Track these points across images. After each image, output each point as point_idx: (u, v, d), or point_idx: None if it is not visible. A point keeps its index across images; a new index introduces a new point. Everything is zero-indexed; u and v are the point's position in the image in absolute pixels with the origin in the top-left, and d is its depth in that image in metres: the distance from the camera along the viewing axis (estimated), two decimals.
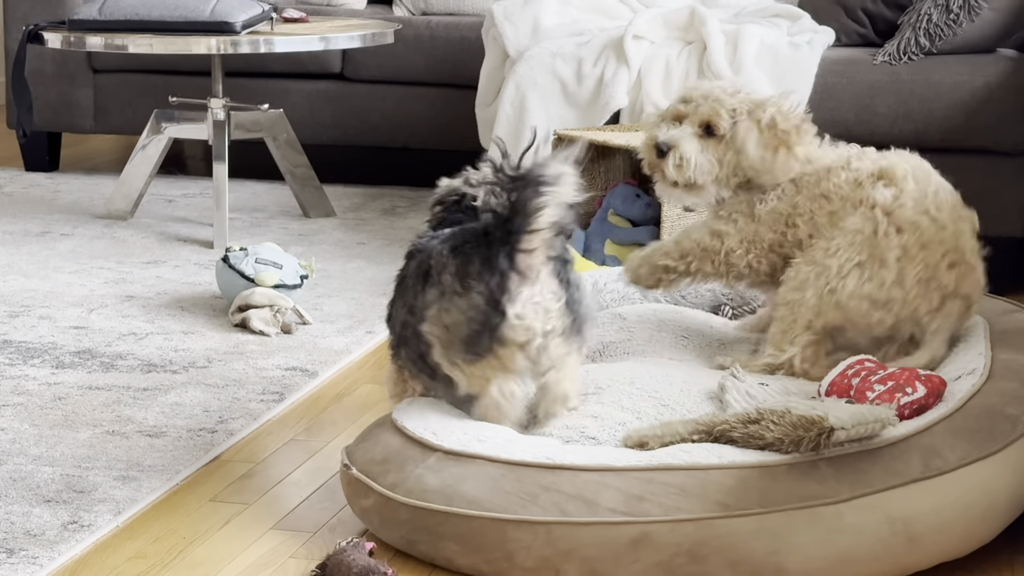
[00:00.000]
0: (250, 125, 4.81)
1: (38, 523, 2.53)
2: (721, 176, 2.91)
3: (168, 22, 4.44)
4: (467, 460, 2.44)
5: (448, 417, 2.59)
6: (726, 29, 4.46)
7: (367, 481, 2.49)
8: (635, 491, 2.36)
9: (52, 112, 5.46)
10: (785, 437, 2.37)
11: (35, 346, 3.49)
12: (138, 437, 2.93)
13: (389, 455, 2.51)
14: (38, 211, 4.91)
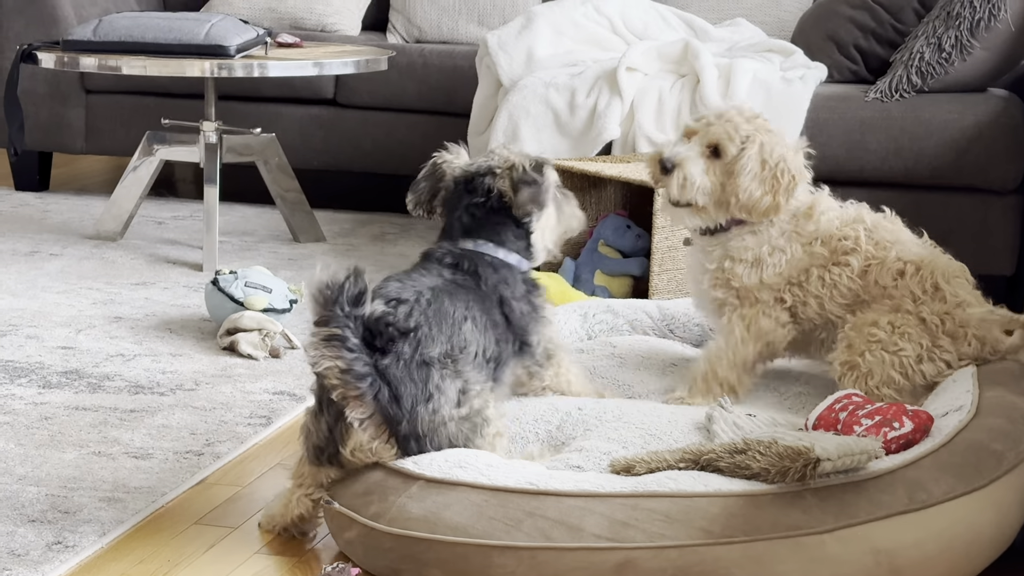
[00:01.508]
0: (242, 149, 4.82)
1: (22, 543, 2.52)
2: (721, 200, 2.90)
3: (162, 44, 4.44)
4: (449, 487, 2.44)
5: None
6: (719, 63, 4.48)
7: (350, 514, 2.48)
8: (620, 517, 2.36)
9: (43, 132, 5.46)
10: (771, 467, 2.37)
11: (22, 365, 3.48)
12: (124, 459, 2.93)
13: (371, 487, 2.50)
14: (27, 230, 4.91)
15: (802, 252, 2.91)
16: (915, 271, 2.88)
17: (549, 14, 4.84)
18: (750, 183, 2.86)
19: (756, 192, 2.86)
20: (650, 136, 4.35)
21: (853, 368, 2.83)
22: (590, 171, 4.08)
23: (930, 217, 4.31)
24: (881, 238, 2.92)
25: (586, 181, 4.24)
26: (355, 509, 2.49)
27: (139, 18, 4.52)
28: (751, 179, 2.86)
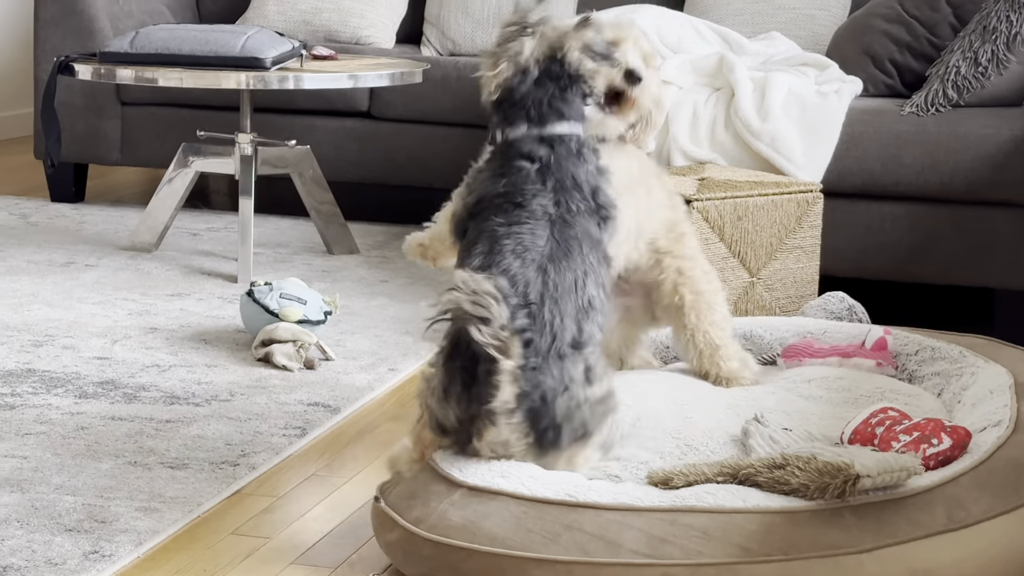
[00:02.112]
0: (276, 161, 4.83)
1: (59, 552, 2.53)
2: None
3: (198, 56, 4.46)
4: (490, 496, 2.44)
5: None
6: (754, 76, 4.47)
7: (393, 515, 2.49)
8: (657, 532, 2.35)
9: (80, 143, 5.49)
10: (811, 483, 2.36)
11: (59, 376, 3.50)
12: (160, 469, 2.94)
13: (417, 490, 2.50)
14: (63, 242, 4.93)
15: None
16: None
17: None
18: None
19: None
20: (685, 149, 4.35)
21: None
22: None
23: (966, 232, 4.30)
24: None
25: None
26: (399, 511, 2.48)
27: (176, 30, 4.54)
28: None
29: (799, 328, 3.33)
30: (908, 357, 3.17)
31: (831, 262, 4.33)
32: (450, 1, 5.59)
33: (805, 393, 2.99)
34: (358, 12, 5.59)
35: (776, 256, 3.99)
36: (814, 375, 3.07)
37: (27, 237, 4.97)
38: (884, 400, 2.91)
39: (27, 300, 4.17)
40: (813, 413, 2.87)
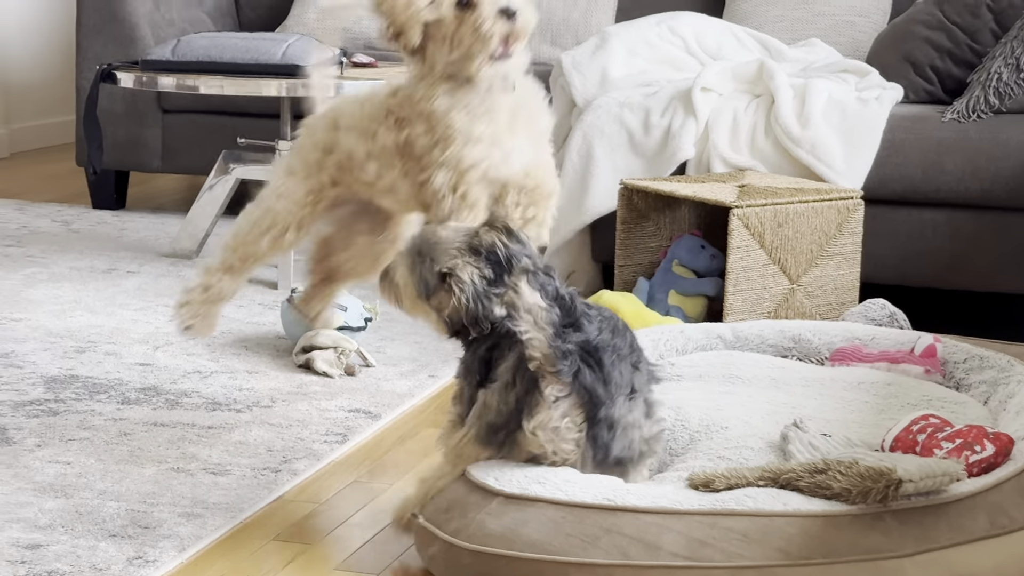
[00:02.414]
0: None
1: (104, 557, 2.54)
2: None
3: (240, 64, 4.49)
4: (527, 503, 2.44)
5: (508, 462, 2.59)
6: (794, 83, 4.47)
7: (432, 529, 2.50)
8: (697, 535, 2.35)
9: (121, 151, 5.52)
10: (853, 488, 2.36)
11: (101, 382, 3.52)
12: (203, 475, 2.95)
13: (453, 503, 2.51)
14: (105, 248, 4.96)
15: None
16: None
17: (623, 34, 4.85)
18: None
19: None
20: (725, 156, 4.35)
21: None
22: (664, 191, 4.08)
23: (1007, 238, 4.28)
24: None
25: (660, 201, 4.23)
26: (437, 525, 2.49)
27: (217, 38, 4.57)
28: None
29: (848, 333, 3.32)
30: (956, 365, 3.16)
31: (872, 269, 4.32)
32: None
33: (850, 397, 2.98)
34: None
35: (817, 263, 3.98)
36: (864, 378, 3.06)
37: (69, 244, 5.00)
38: (931, 407, 2.90)
39: (69, 307, 4.19)
40: (853, 420, 2.86)
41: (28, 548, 2.56)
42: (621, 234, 4.20)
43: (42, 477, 2.90)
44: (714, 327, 3.38)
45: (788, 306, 3.96)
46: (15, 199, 5.81)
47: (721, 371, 3.12)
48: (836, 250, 4.01)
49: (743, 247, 3.88)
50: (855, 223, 4.02)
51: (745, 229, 3.87)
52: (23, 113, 7.06)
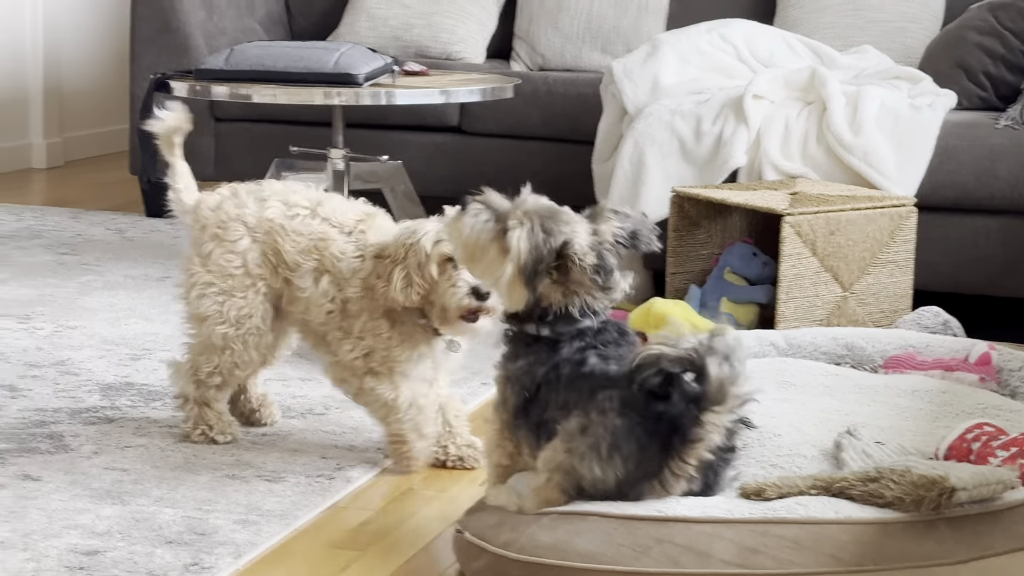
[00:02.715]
0: (368, 176, 4.87)
1: (160, 564, 2.56)
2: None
3: (292, 73, 4.50)
4: (579, 518, 2.44)
5: None
6: (846, 90, 4.46)
7: (479, 543, 2.49)
8: (749, 543, 2.35)
9: None
10: (905, 496, 2.36)
11: (156, 389, 3.54)
12: (257, 481, 2.97)
13: (502, 518, 2.51)
14: (158, 256, 5.00)
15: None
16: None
17: (674, 42, 4.85)
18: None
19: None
20: (776, 164, 4.34)
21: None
22: (716, 199, 4.08)
23: None
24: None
25: (712, 209, 4.24)
26: (485, 539, 2.49)
27: (269, 47, 4.59)
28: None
29: (902, 340, 3.31)
30: (1011, 373, 3.14)
31: (924, 276, 4.30)
32: (540, 16, 5.62)
33: (904, 405, 2.97)
34: (448, 28, 5.63)
35: (869, 270, 3.97)
36: (918, 386, 3.05)
37: (123, 252, 5.04)
38: (985, 416, 2.89)
39: (124, 314, 4.23)
40: (907, 428, 2.86)
41: (86, 554, 2.59)
42: (673, 242, 4.20)
43: (99, 484, 2.93)
44: (767, 334, 3.38)
45: (840, 314, 3.95)
46: (70, 207, 5.86)
47: (774, 378, 3.11)
48: (889, 258, 3.99)
49: (795, 255, 3.88)
50: (908, 230, 4.01)
51: (797, 237, 3.86)
52: (77, 122, 7.12)
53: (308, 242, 3.07)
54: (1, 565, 2.53)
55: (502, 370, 2.59)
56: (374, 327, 3.01)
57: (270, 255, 3.10)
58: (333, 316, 3.06)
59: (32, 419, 3.29)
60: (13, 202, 5.95)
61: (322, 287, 3.05)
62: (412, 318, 3.02)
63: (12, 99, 6.73)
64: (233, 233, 3.12)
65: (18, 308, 4.25)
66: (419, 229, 2.97)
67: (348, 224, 3.08)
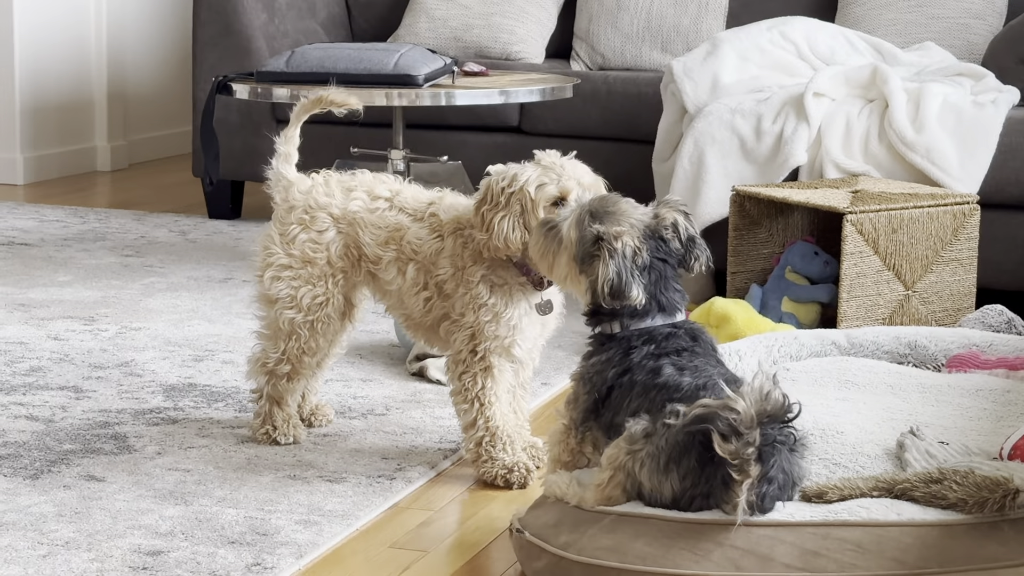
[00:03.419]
0: (429, 176, 4.87)
1: (223, 564, 2.58)
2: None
3: (352, 74, 4.52)
4: (640, 520, 2.44)
5: None
6: (908, 87, 4.43)
7: (539, 543, 2.50)
8: (810, 546, 2.34)
9: (236, 161, 5.59)
10: (969, 498, 2.34)
11: (219, 390, 3.57)
12: (318, 482, 2.98)
13: (562, 519, 2.51)
14: (221, 258, 5.03)
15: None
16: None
17: (734, 40, 4.83)
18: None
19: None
20: (838, 162, 4.32)
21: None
22: (777, 197, 4.06)
23: None
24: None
25: (773, 207, 4.22)
26: (545, 539, 2.50)
27: (330, 49, 4.61)
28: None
29: (965, 339, 3.29)
30: None
31: (988, 274, 4.27)
32: (599, 16, 5.61)
33: (968, 404, 2.95)
34: (508, 28, 5.63)
35: (932, 269, 3.95)
36: (982, 385, 3.03)
37: (186, 254, 5.08)
38: None
39: (187, 316, 4.26)
40: (971, 428, 2.83)
41: (149, 555, 2.61)
42: (733, 241, 4.19)
43: (162, 484, 2.95)
44: (829, 333, 3.36)
45: (903, 312, 3.93)
46: (133, 210, 5.91)
47: (836, 376, 3.09)
48: (952, 255, 3.97)
49: (857, 253, 3.86)
50: (971, 228, 3.98)
51: (859, 235, 3.84)
52: (141, 125, 7.17)
53: (386, 234, 3.08)
54: (66, 565, 2.56)
55: (578, 368, 2.62)
56: (474, 297, 2.97)
57: (352, 247, 3.11)
58: (433, 302, 3.05)
59: (96, 420, 3.32)
60: (78, 204, 6.00)
61: (410, 276, 3.05)
62: (512, 277, 2.98)
63: (77, 103, 6.79)
64: (320, 223, 3.13)
65: (82, 310, 4.29)
66: (518, 174, 2.93)
67: (420, 210, 3.08)
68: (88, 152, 6.87)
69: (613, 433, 2.51)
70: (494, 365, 2.99)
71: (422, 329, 3.11)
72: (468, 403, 3.01)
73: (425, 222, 3.06)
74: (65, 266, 4.85)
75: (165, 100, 7.31)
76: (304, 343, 3.12)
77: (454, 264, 3.00)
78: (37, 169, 6.57)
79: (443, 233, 3.02)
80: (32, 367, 3.71)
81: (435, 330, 3.08)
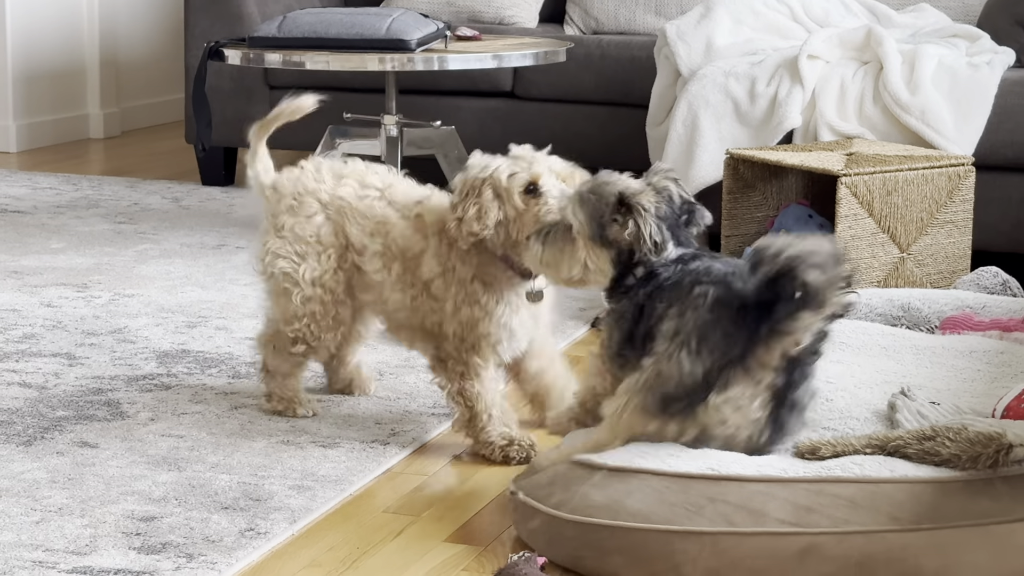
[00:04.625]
0: (421, 142, 4.86)
1: (216, 529, 2.58)
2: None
3: (345, 39, 4.51)
4: (631, 475, 2.44)
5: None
6: (903, 49, 4.41)
7: (533, 503, 2.51)
8: (803, 502, 2.34)
9: (229, 128, 5.57)
10: (962, 453, 2.34)
11: (212, 356, 3.56)
12: (312, 448, 2.98)
13: (555, 478, 2.52)
14: (214, 224, 5.01)
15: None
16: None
17: (728, 3, 4.81)
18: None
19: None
20: (832, 124, 4.31)
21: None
22: (771, 160, 4.05)
23: None
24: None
25: (767, 170, 4.20)
26: (538, 499, 2.50)
27: (322, 14, 4.59)
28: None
29: (958, 301, 3.28)
30: None
31: (983, 236, 4.26)
32: None
33: (962, 366, 2.95)
34: None
35: (927, 231, 3.94)
36: (975, 347, 3.02)
37: (179, 220, 5.06)
38: None
39: (180, 282, 4.25)
40: (965, 390, 2.83)
41: (143, 520, 2.60)
42: (727, 204, 4.18)
43: (155, 450, 2.94)
44: None
45: (898, 275, 3.92)
46: (126, 176, 5.89)
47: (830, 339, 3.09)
48: (947, 218, 3.96)
49: (852, 216, 3.85)
50: (966, 190, 3.97)
51: (853, 197, 3.83)
52: (133, 92, 7.15)
53: (373, 225, 3.05)
54: (59, 531, 2.55)
55: (606, 314, 2.63)
56: (470, 293, 2.94)
57: (340, 234, 3.09)
58: (419, 301, 3.02)
59: (89, 387, 3.31)
60: (71, 172, 5.98)
61: (395, 272, 3.02)
62: (500, 272, 2.95)
63: (69, 70, 6.77)
64: (308, 208, 3.10)
65: (75, 277, 4.28)
66: (488, 165, 2.92)
67: (408, 207, 3.06)
68: (81, 119, 6.85)
69: (647, 345, 2.50)
70: (480, 362, 2.97)
71: (405, 330, 3.08)
72: (460, 401, 2.98)
73: (410, 221, 3.04)
74: (58, 233, 4.83)
75: (157, 67, 7.29)
76: (320, 319, 3.09)
77: (441, 264, 2.97)
78: (30, 137, 6.55)
79: (427, 233, 3.01)
80: (25, 334, 3.70)
81: (420, 330, 3.05)
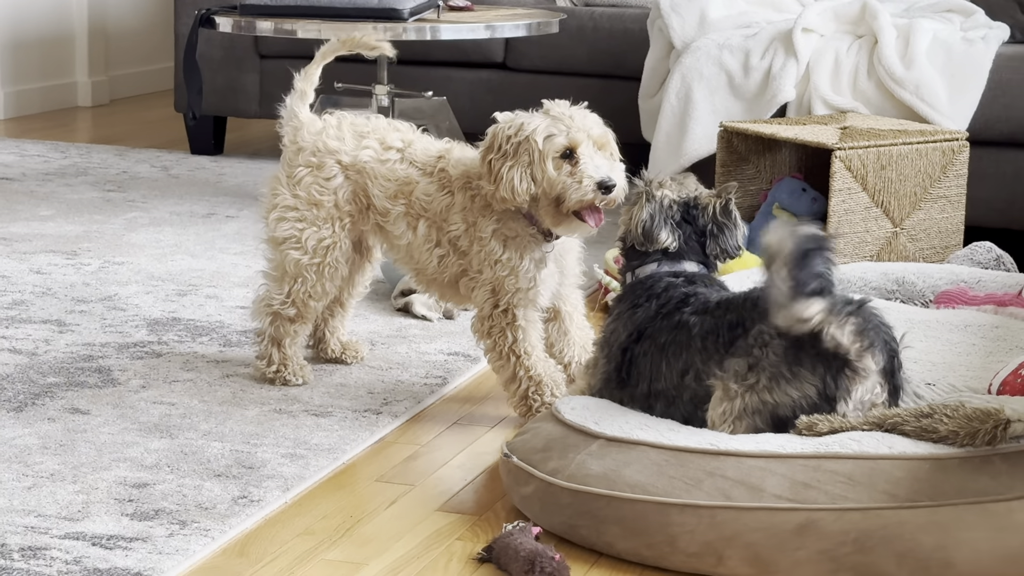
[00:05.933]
0: (413, 112, 4.84)
1: (209, 496, 2.57)
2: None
3: (337, 8, 4.48)
4: (630, 446, 2.44)
5: (609, 409, 2.59)
6: (898, 23, 4.40)
7: (528, 468, 2.50)
8: (801, 478, 2.34)
9: (219, 96, 5.55)
10: (960, 429, 2.33)
11: (203, 324, 3.54)
12: (304, 416, 2.97)
13: (550, 443, 2.51)
14: (204, 193, 4.99)
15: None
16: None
17: None
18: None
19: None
20: (826, 98, 4.30)
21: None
22: (765, 133, 4.04)
23: None
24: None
25: (761, 144, 4.19)
26: (533, 464, 2.49)
27: None
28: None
29: (952, 276, 3.28)
30: None
31: (977, 212, 4.26)
32: None
33: (956, 340, 2.94)
34: None
35: (920, 206, 3.93)
36: (970, 321, 3.02)
37: (169, 189, 5.04)
38: None
39: (170, 251, 4.23)
40: (960, 364, 2.83)
41: (135, 487, 2.59)
42: (721, 177, 4.17)
43: (147, 418, 2.93)
44: None
45: (891, 250, 3.92)
46: (115, 145, 5.87)
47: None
48: (940, 193, 3.95)
49: (845, 190, 3.84)
50: (960, 165, 3.96)
51: (847, 171, 3.83)
52: (123, 60, 7.11)
53: (395, 187, 3.03)
54: (51, 497, 2.54)
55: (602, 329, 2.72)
56: (489, 253, 2.93)
57: (361, 196, 3.06)
58: (447, 259, 3.00)
59: (80, 353, 3.30)
60: (59, 139, 5.96)
61: (421, 233, 3.00)
62: (522, 228, 2.93)
63: (58, 38, 6.73)
64: (328, 169, 3.07)
65: (65, 244, 4.26)
66: (526, 124, 2.88)
67: (430, 163, 3.03)
68: (69, 87, 6.82)
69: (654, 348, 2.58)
70: (519, 317, 2.95)
71: (437, 285, 3.06)
72: (503, 359, 2.96)
73: (434, 177, 3.00)
74: (47, 200, 4.81)
75: (147, 35, 7.25)
76: (310, 287, 3.08)
77: (465, 220, 2.95)
78: (18, 104, 6.52)
79: (452, 188, 2.98)
80: (15, 300, 3.69)
81: (453, 286, 3.04)
